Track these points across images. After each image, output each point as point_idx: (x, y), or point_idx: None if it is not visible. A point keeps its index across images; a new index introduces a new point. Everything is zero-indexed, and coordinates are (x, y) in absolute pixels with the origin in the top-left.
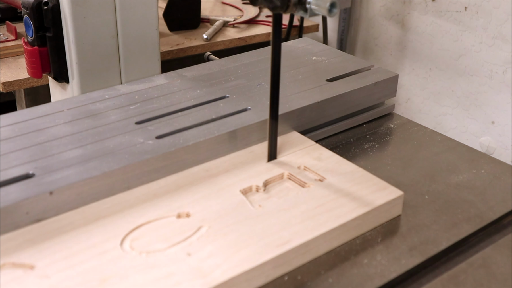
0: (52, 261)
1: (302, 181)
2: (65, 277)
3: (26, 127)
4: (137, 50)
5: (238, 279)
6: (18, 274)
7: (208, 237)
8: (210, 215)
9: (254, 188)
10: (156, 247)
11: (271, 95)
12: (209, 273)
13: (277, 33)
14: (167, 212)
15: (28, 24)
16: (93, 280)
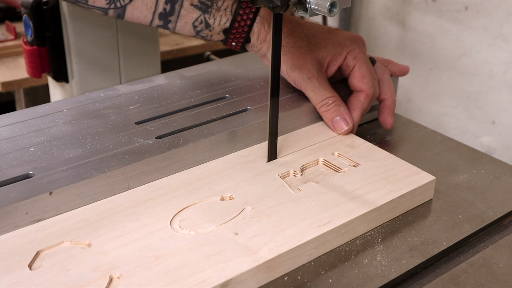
0: (107, 240)
1: (337, 166)
2: (122, 254)
3: (26, 127)
4: (137, 50)
5: (284, 256)
6: (77, 251)
7: (253, 217)
8: (252, 198)
9: (291, 173)
10: (204, 227)
11: (271, 95)
12: (256, 250)
13: (277, 33)
14: (210, 195)
15: (27, 23)
16: (148, 257)
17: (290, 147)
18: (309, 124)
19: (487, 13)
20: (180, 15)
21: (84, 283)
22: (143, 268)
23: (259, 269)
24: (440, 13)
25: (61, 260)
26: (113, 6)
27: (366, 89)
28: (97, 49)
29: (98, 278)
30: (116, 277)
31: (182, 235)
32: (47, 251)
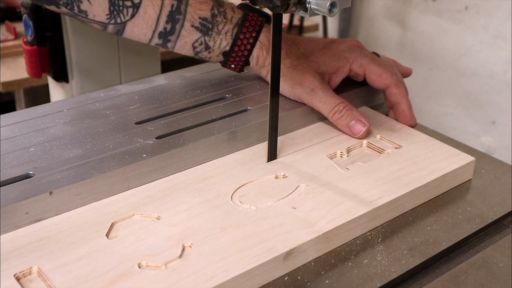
0: (174, 213)
1: (380, 148)
2: (190, 225)
3: (26, 127)
4: (137, 50)
5: (340, 229)
6: (148, 223)
7: (308, 194)
8: (304, 176)
9: (338, 154)
10: (263, 202)
11: (271, 95)
12: (315, 223)
13: (277, 33)
14: (265, 173)
15: (27, 23)
16: (215, 228)
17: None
18: (310, 125)
19: (487, 13)
20: (180, 35)
21: (159, 250)
22: (211, 238)
23: (318, 240)
24: (440, 13)
25: (135, 231)
26: (113, 21)
27: (391, 81)
28: (97, 49)
29: (172, 247)
30: (188, 246)
31: (244, 209)
32: (121, 222)
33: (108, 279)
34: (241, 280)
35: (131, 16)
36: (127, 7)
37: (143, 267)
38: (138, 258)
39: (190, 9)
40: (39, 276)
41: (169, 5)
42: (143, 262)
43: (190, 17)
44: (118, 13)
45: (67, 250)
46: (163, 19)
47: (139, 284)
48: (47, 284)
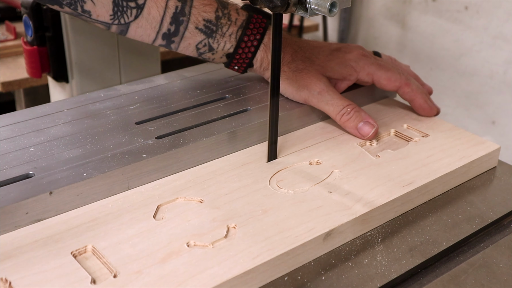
0: (216, 196)
1: (408, 136)
2: (232, 208)
3: (26, 127)
4: (137, 50)
5: (375, 211)
6: (192, 205)
7: (342, 179)
8: (338, 163)
9: (368, 142)
10: (300, 187)
11: (271, 95)
12: (351, 206)
13: (277, 33)
14: (299, 160)
15: (27, 23)
16: (256, 211)
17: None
18: (310, 124)
19: (487, 13)
20: (184, 37)
21: (205, 231)
22: (254, 219)
23: (355, 222)
24: (440, 13)
25: (180, 213)
26: (117, 22)
27: (400, 82)
28: (97, 49)
29: (217, 227)
30: (232, 227)
31: (282, 193)
32: (166, 205)
33: (159, 257)
34: (285, 259)
35: (134, 17)
36: (131, 8)
37: (192, 246)
38: (186, 238)
39: (194, 11)
40: (93, 254)
41: (173, 6)
42: (191, 241)
43: (194, 19)
44: (122, 14)
45: (118, 230)
46: (167, 20)
47: (189, 262)
48: (102, 261)
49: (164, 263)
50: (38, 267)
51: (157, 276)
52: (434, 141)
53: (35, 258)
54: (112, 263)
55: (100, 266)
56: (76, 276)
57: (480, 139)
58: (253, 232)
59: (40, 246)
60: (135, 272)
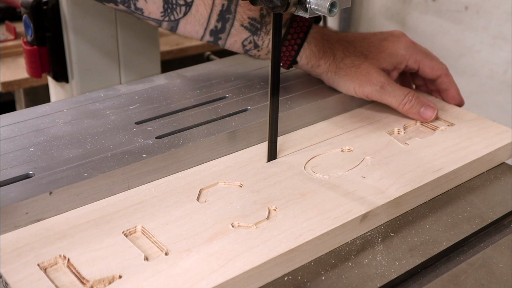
0: (255, 181)
1: (434, 125)
2: (271, 192)
3: (26, 127)
4: (137, 50)
5: (408, 195)
6: (233, 189)
7: (374, 165)
8: (368, 150)
9: (395, 131)
10: (334, 172)
11: (271, 95)
12: (385, 190)
13: (277, 33)
14: (331, 147)
15: (27, 23)
16: (295, 194)
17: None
18: (310, 124)
19: (487, 13)
20: (230, 34)
21: (248, 213)
22: (293, 202)
23: (389, 205)
24: (440, 13)
25: (222, 196)
26: (167, 18)
27: (442, 72)
28: (97, 49)
29: (258, 210)
30: (273, 209)
31: (318, 178)
32: (207, 189)
33: (206, 237)
34: (325, 239)
35: (184, 14)
36: (180, 6)
37: (236, 227)
38: (230, 219)
39: (240, 9)
40: (143, 233)
41: (219, 4)
42: (235, 222)
43: (239, 16)
44: (172, 11)
45: (164, 212)
46: (214, 17)
47: (235, 241)
48: (152, 240)
49: (212, 242)
50: (93, 245)
51: (206, 253)
52: (459, 130)
53: (89, 237)
54: (162, 242)
55: (151, 245)
56: (130, 253)
57: (504, 128)
58: (293, 213)
59: (92, 226)
60: (185, 250)
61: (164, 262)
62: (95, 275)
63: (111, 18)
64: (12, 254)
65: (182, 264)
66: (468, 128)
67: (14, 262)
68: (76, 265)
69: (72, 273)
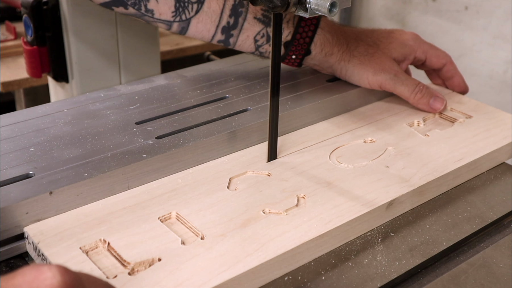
0: (283, 170)
1: (453, 118)
2: (299, 180)
3: (26, 127)
4: (137, 50)
5: (431, 184)
6: (261, 178)
7: (396, 155)
8: (390, 141)
9: (415, 123)
10: (358, 162)
11: (271, 95)
12: (408, 179)
13: (277, 33)
14: (354, 138)
15: (27, 23)
16: (322, 182)
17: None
18: (310, 125)
19: (487, 13)
20: (243, 29)
21: (277, 200)
22: (321, 190)
23: (414, 193)
24: (440, 13)
25: (252, 184)
26: (178, 19)
27: (447, 60)
28: (97, 49)
29: (288, 197)
30: (302, 197)
31: (343, 167)
32: (237, 178)
33: (239, 222)
34: (354, 225)
35: (195, 12)
36: (192, 3)
37: (267, 213)
38: (261, 206)
39: None
40: (177, 220)
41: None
42: (266, 209)
43: (252, 9)
44: (184, 9)
45: (197, 199)
46: (227, 13)
47: (267, 226)
48: (187, 226)
49: (245, 227)
50: (131, 230)
51: (240, 238)
52: (478, 122)
53: (127, 222)
54: (197, 227)
55: (186, 230)
56: (167, 238)
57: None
58: (321, 201)
59: (129, 212)
60: (220, 235)
61: (201, 246)
62: (135, 258)
63: (111, 18)
64: (54, 238)
65: (218, 248)
66: (486, 121)
67: (57, 246)
68: (117, 248)
69: (113, 256)
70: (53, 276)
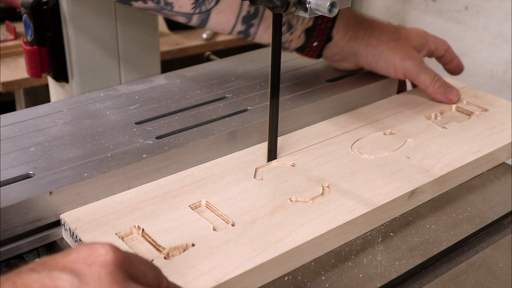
0: (307, 161)
1: (469, 111)
2: (322, 170)
3: (26, 127)
4: (136, 50)
5: (451, 174)
6: (286, 168)
7: (416, 147)
8: (409, 133)
9: (433, 116)
10: (379, 153)
11: (271, 95)
12: (429, 169)
13: (277, 33)
14: (374, 130)
15: (27, 23)
16: (345, 173)
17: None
18: (310, 125)
19: (487, 13)
20: (264, 17)
21: (303, 189)
22: (344, 180)
23: (434, 183)
24: (440, 13)
25: (277, 174)
26: (198, 10)
27: (448, 45)
28: (97, 49)
29: (313, 186)
30: (326, 186)
31: (365, 158)
32: (262, 168)
33: (268, 210)
34: (378, 212)
35: (215, 2)
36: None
37: (294, 202)
38: (287, 194)
39: None
40: (207, 207)
41: None
42: (292, 197)
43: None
44: (204, 0)
45: (225, 188)
46: (247, 2)
47: (295, 214)
48: (217, 213)
49: (273, 215)
50: (164, 217)
51: (269, 225)
52: (494, 115)
53: (159, 210)
54: (227, 214)
55: (216, 217)
56: (198, 224)
57: None
58: (346, 190)
59: (160, 201)
60: (250, 222)
61: (232, 232)
62: (170, 243)
63: (111, 18)
64: (90, 224)
65: (249, 234)
66: (502, 114)
67: (94, 232)
68: (151, 234)
69: (148, 242)
70: (106, 253)
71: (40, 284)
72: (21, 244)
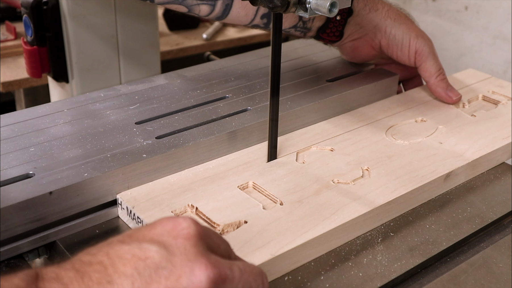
0: (345, 146)
1: (496, 100)
2: (361, 154)
3: (26, 127)
4: (136, 50)
5: (482, 159)
6: (325, 153)
7: (448, 133)
8: (440, 120)
9: (461, 105)
10: (413, 139)
11: (271, 95)
12: (462, 153)
13: (277, 33)
14: (405, 118)
15: (27, 23)
16: (382, 157)
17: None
18: (310, 125)
19: (487, 13)
20: None
21: (344, 172)
22: (382, 164)
23: (468, 166)
24: (440, 13)
25: (318, 158)
26: None
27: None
28: (97, 49)
29: (353, 169)
30: (365, 169)
31: (399, 143)
32: (303, 152)
33: (313, 190)
34: (416, 194)
35: None
36: None
37: (336, 183)
38: (330, 176)
39: None
40: (254, 188)
41: None
42: (334, 179)
43: None
44: None
45: (269, 171)
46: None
47: (338, 194)
48: (265, 194)
49: (318, 195)
50: (215, 197)
51: (315, 204)
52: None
53: (209, 190)
54: (274, 194)
55: (264, 197)
56: (248, 203)
57: None
58: (384, 172)
59: (209, 182)
60: (297, 201)
61: (281, 211)
62: (223, 220)
63: (111, 18)
64: (146, 203)
65: (297, 212)
66: None
67: (151, 210)
68: (205, 212)
69: (202, 219)
70: (188, 226)
71: (132, 255)
72: (21, 244)
